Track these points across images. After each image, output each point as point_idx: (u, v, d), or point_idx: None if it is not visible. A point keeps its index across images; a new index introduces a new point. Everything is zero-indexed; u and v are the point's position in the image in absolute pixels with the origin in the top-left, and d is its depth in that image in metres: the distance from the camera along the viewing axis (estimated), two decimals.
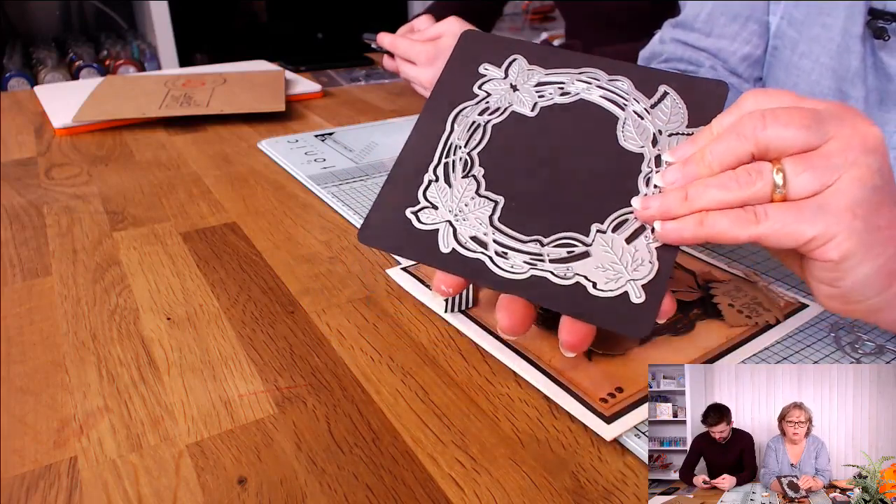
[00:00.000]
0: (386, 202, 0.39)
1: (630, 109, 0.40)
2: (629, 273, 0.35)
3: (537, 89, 0.42)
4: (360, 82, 1.06)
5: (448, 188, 0.39)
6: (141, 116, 0.82)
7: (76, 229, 0.56)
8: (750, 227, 0.32)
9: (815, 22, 0.54)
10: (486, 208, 0.38)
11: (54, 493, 0.31)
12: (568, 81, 0.42)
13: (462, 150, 0.40)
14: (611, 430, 0.33)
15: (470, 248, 0.37)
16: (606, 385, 0.36)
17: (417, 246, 0.38)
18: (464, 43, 0.45)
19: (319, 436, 0.34)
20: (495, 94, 0.42)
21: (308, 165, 0.68)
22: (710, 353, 0.39)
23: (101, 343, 0.41)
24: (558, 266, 0.36)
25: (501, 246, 0.37)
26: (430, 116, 0.42)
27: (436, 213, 0.38)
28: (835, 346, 0.39)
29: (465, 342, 0.41)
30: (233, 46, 2.20)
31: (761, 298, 0.43)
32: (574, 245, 0.36)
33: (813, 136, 0.32)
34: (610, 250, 0.36)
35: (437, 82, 0.43)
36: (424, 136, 0.41)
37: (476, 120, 0.41)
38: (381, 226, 0.39)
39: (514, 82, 0.42)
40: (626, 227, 0.36)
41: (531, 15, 2.46)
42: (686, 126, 0.39)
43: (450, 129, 0.41)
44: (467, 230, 0.38)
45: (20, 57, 1.88)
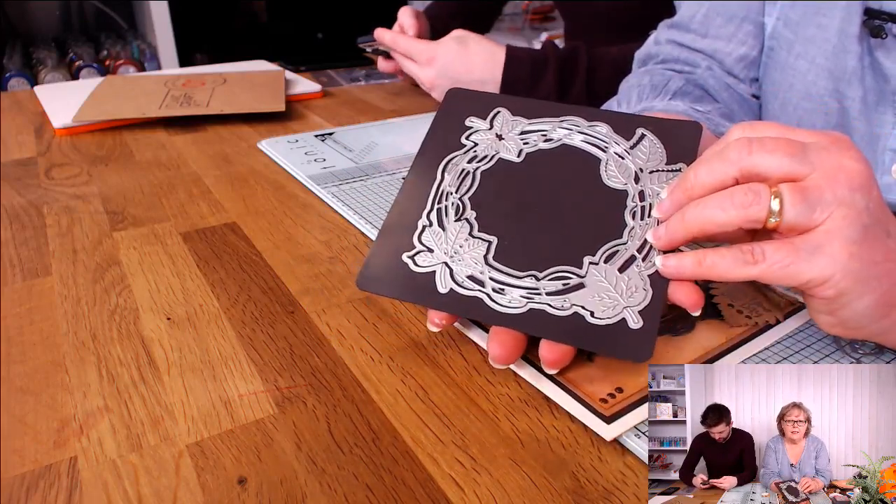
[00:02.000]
0: (382, 249, 0.41)
1: (611, 151, 0.42)
2: (625, 300, 0.36)
3: (521, 137, 0.44)
4: (360, 82, 1.07)
5: (442, 232, 0.41)
6: (141, 116, 0.82)
7: (76, 229, 0.56)
8: (747, 267, 0.33)
9: (810, 22, 0.54)
10: (480, 248, 0.40)
11: (54, 493, 0.31)
12: (550, 129, 0.44)
13: (454, 195, 0.42)
14: (611, 430, 0.33)
15: (467, 286, 0.38)
16: (607, 385, 0.36)
17: (416, 289, 0.39)
18: (450, 100, 0.47)
19: (319, 436, 0.34)
20: (482, 143, 0.44)
21: (308, 165, 0.68)
22: (710, 352, 0.39)
23: (101, 343, 0.41)
24: (555, 298, 0.37)
25: (498, 283, 0.38)
26: (420, 168, 0.44)
27: (432, 255, 0.40)
28: (835, 346, 0.39)
29: (465, 342, 0.41)
30: (233, 46, 2.20)
31: (762, 299, 0.43)
32: (569, 278, 0.38)
33: (797, 165, 0.33)
34: (604, 280, 0.37)
35: (426, 137, 0.46)
36: (416, 186, 0.43)
37: (465, 167, 0.43)
38: (380, 272, 0.40)
39: (499, 132, 0.44)
40: (618, 258, 0.38)
41: (531, 15, 2.45)
42: (665, 163, 0.41)
43: (440, 178, 0.43)
44: (464, 270, 0.39)
45: (20, 57, 1.88)
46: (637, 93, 0.60)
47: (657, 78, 0.61)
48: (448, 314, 0.38)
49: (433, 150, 0.45)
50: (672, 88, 0.59)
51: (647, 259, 0.38)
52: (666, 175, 0.41)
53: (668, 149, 0.42)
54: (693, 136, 0.42)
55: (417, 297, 0.39)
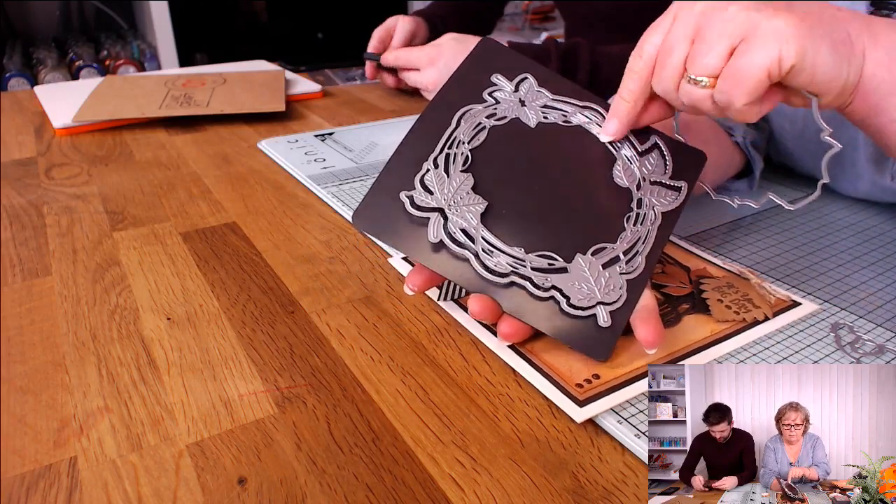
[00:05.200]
0: (382, 186, 0.40)
1: (622, 152, 0.43)
2: (600, 296, 0.37)
3: (543, 110, 0.44)
4: (356, 81, 1.07)
5: (446, 177, 0.40)
6: (141, 116, 0.82)
7: (76, 229, 0.56)
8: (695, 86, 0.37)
9: None
10: (479, 206, 0.39)
11: (54, 493, 0.31)
12: (571, 112, 0.44)
13: (465, 145, 0.41)
14: (582, 412, 0.34)
15: (458, 239, 0.38)
16: (584, 371, 0.37)
17: (406, 237, 0.39)
18: (481, 49, 0.46)
19: (319, 436, 0.34)
20: (504, 103, 0.44)
21: (308, 165, 0.68)
22: (693, 345, 0.39)
23: (101, 343, 0.41)
24: (538, 275, 0.38)
25: (488, 244, 0.38)
26: (436, 110, 0.43)
27: (430, 197, 0.39)
28: (835, 346, 0.39)
29: (466, 342, 0.41)
30: (233, 46, 2.20)
31: (752, 295, 0.44)
32: (555, 260, 0.38)
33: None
34: (586, 271, 0.38)
35: (450, 80, 0.44)
36: (428, 127, 0.42)
37: (482, 122, 0.42)
38: (375, 211, 0.39)
39: (522, 98, 0.44)
40: (604, 255, 0.39)
41: (531, 15, 2.45)
42: (669, 178, 0.42)
43: (455, 125, 0.42)
44: (459, 221, 0.38)
45: (20, 57, 1.88)
46: None
47: None
48: (425, 280, 0.39)
49: (453, 95, 0.44)
50: None
51: (630, 262, 0.39)
52: (665, 191, 0.41)
53: (674, 165, 0.42)
54: (698, 163, 0.43)
55: (407, 247, 0.39)
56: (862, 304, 0.43)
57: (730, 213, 0.56)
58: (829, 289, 0.45)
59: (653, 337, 0.37)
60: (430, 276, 0.39)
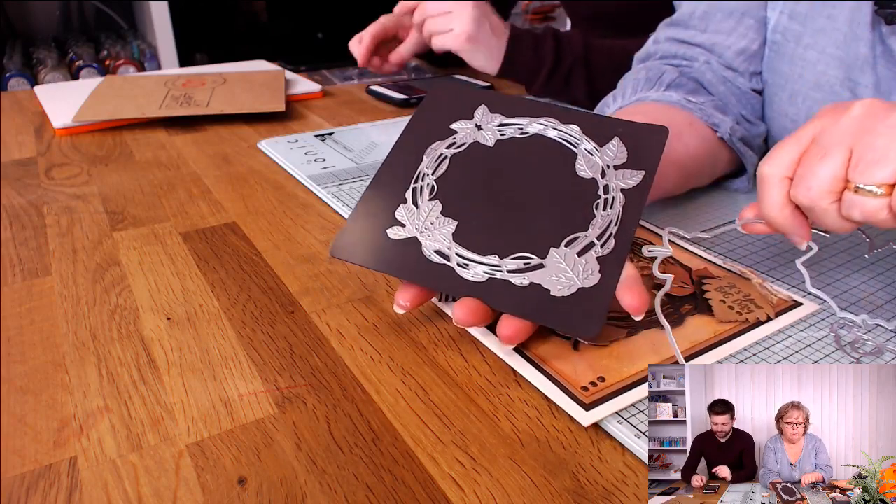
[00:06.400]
0: (357, 222, 0.43)
1: (581, 147, 0.44)
2: (580, 281, 0.38)
3: (499, 129, 0.46)
4: (353, 81, 1.07)
5: (415, 209, 0.43)
6: (141, 116, 0.82)
7: (76, 229, 0.56)
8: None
9: (819, 14, 0.54)
10: (449, 226, 0.42)
11: (54, 493, 0.31)
12: (526, 123, 0.46)
13: (430, 177, 0.44)
14: (588, 416, 0.34)
15: (434, 260, 0.40)
16: (590, 374, 0.37)
17: (387, 260, 0.41)
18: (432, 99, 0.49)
19: (319, 436, 0.34)
20: (461, 132, 0.47)
21: (308, 165, 0.68)
22: (697, 346, 0.39)
23: (101, 343, 0.41)
24: (515, 276, 0.39)
25: (463, 258, 0.40)
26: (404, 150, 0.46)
27: (403, 230, 0.42)
28: (835, 346, 0.39)
29: (465, 342, 0.41)
30: (233, 46, 2.20)
31: (754, 295, 0.44)
32: (530, 259, 0.40)
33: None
34: (562, 262, 0.39)
35: (409, 124, 0.48)
36: (396, 168, 0.45)
37: (443, 152, 0.45)
38: (353, 241, 0.42)
39: (478, 122, 0.47)
40: (578, 244, 0.40)
41: (531, 15, 2.45)
42: (633, 158, 0.43)
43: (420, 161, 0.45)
44: (432, 244, 0.41)
45: (20, 57, 1.88)
46: (632, 85, 0.61)
47: (652, 71, 0.61)
48: (415, 297, 0.40)
49: (418, 135, 0.47)
50: (666, 80, 0.60)
51: (605, 246, 0.40)
52: (630, 172, 0.43)
53: (636, 148, 0.44)
54: (660, 139, 0.44)
55: (388, 267, 0.41)
56: (862, 304, 0.43)
57: (731, 213, 0.56)
58: (830, 289, 0.45)
59: (638, 303, 0.37)
60: (418, 292, 0.40)
